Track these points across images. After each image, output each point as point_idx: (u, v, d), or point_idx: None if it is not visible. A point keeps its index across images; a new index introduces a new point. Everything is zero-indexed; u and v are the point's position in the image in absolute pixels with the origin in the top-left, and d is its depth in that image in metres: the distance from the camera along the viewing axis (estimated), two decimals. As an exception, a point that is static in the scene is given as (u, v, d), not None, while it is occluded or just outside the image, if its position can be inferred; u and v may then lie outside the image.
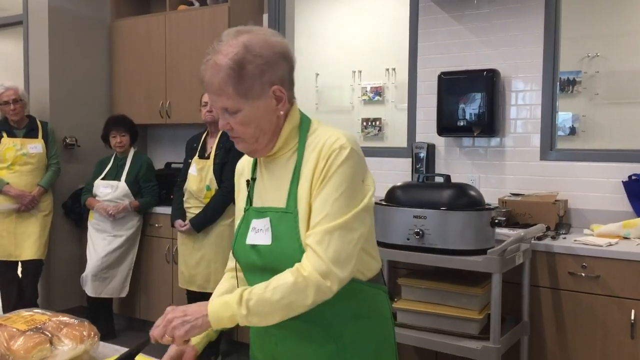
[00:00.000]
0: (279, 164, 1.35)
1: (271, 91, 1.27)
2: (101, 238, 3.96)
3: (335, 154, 1.26)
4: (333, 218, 1.23)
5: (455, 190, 2.58)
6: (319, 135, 1.32)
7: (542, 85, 3.31)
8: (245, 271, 1.40)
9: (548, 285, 2.75)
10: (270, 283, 1.22)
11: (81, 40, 4.53)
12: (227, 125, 1.29)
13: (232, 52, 1.24)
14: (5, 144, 3.97)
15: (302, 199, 1.28)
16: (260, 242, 1.32)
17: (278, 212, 1.31)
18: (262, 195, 1.37)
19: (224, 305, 1.21)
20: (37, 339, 1.38)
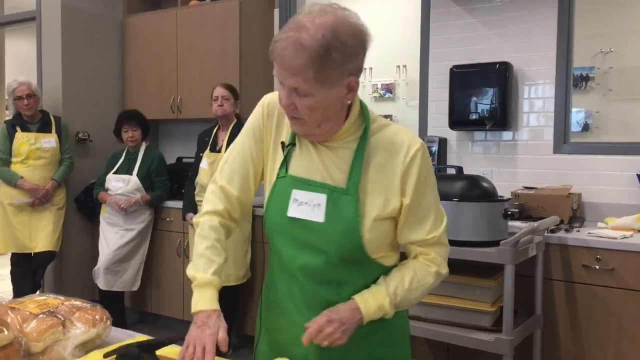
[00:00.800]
0: (334, 146, 1.30)
1: (347, 81, 1.21)
2: (113, 232, 3.98)
3: (421, 155, 1.28)
4: (442, 219, 1.34)
5: (468, 182, 2.56)
6: (385, 126, 1.32)
7: (556, 78, 3.28)
8: (276, 238, 1.34)
9: (561, 278, 2.72)
10: (412, 282, 1.31)
11: (93, 36, 4.56)
12: (291, 105, 1.21)
13: (320, 34, 1.13)
14: (19, 138, 4.00)
15: (367, 186, 1.26)
16: (307, 217, 1.27)
17: (336, 191, 1.27)
18: (308, 167, 1.30)
19: (379, 309, 1.28)
20: (49, 321, 1.38)
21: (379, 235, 1.29)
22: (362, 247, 1.27)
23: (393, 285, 1.30)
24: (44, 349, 1.35)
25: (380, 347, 1.36)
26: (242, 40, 4.10)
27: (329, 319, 1.25)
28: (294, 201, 1.29)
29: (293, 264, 1.32)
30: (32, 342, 1.34)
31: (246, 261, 3.60)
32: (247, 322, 3.81)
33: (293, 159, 1.33)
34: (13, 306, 1.44)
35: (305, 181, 1.29)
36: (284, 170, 1.32)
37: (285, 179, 1.32)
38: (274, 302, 1.41)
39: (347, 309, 1.27)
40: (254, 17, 4.22)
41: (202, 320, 1.23)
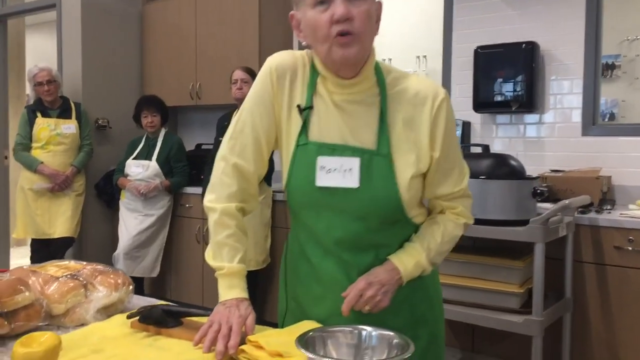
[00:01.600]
0: (357, 104, 1.22)
1: (377, 2, 1.18)
2: (133, 217, 3.96)
3: (446, 105, 1.23)
4: (466, 170, 1.31)
5: (495, 160, 2.49)
6: (401, 77, 1.24)
7: (585, 58, 3.19)
8: (303, 211, 1.26)
9: (592, 260, 2.63)
10: (444, 236, 1.28)
11: (113, 23, 4.55)
12: (347, 12, 1.11)
13: None
14: (39, 124, 4.00)
15: (398, 144, 1.20)
16: (340, 184, 1.19)
17: (366, 153, 1.19)
18: (331, 131, 1.22)
19: (416, 266, 1.24)
20: (71, 284, 1.35)
21: (415, 193, 1.24)
22: (402, 208, 1.22)
23: (426, 241, 1.26)
24: (65, 311, 1.32)
25: (420, 307, 1.30)
26: (261, 25, 4.06)
27: (368, 282, 1.19)
28: (321, 169, 1.20)
29: (328, 237, 1.24)
30: (54, 304, 1.31)
31: (266, 246, 3.56)
32: (266, 308, 3.77)
33: (312, 123, 1.23)
34: (35, 269, 1.41)
35: (331, 146, 1.21)
36: (304, 137, 1.22)
37: (307, 146, 1.22)
38: (305, 275, 1.31)
39: (385, 270, 1.22)
40: (272, 3, 4.17)
41: (232, 303, 1.19)
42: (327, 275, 1.26)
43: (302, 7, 1.18)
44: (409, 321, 1.28)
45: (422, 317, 1.31)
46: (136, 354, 1.12)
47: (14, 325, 1.22)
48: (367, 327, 1.06)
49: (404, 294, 1.26)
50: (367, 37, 1.15)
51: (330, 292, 1.26)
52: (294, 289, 1.36)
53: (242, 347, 1.11)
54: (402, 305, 1.27)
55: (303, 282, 1.32)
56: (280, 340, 1.10)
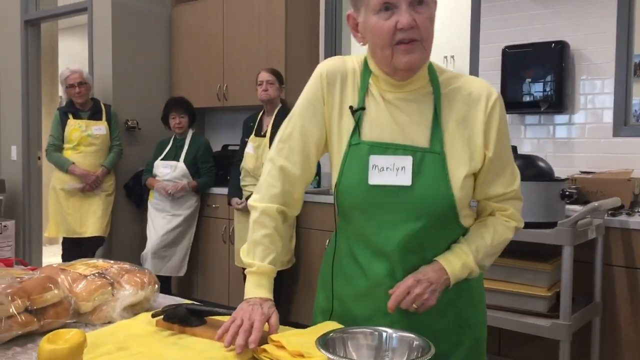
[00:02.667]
0: (410, 99, 1.22)
1: (435, 5, 1.20)
2: (161, 217, 4.02)
3: (500, 104, 1.24)
4: (517, 172, 1.31)
5: (523, 161, 2.45)
6: (454, 77, 1.25)
7: (616, 57, 3.12)
8: (353, 212, 1.25)
9: (623, 264, 2.57)
10: (493, 239, 1.27)
11: (142, 26, 4.63)
12: (412, 21, 1.13)
13: None
14: (71, 125, 4.09)
15: (452, 142, 1.21)
16: (392, 183, 1.19)
17: (419, 151, 1.20)
18: (384, 131, 1.22)
19: (463, 267, 1.23)
20: (99, 282, 1.38)
21: (467, 192, 1.24)
22: (454, 207, 1.21)
23: (475, 243, 1.25)
24: (92, 309, 1.35)
25: (465, 311, 1.29)
26: (287, 27, 4.08)
27: (417, 279, 1.19)
28: (374, 168, 1.20)
29: (378, 237, 1.23)
30: (82, 302, 1.34)
31: (291, 247, 3.58)
32: (291, 308, 3.79)
33: (364, 123, 1.23)
34: (64, 267, 1.45)
35: (384, 145, 1.21)
36: (357, 137, 1.22)
37: (359, 146, 1.22)
38: (352, 274, 1.29)
39: (432, 269, 1.21)
40: (299, 5, 4.19)
41: (256, 301, 1.20)
42: (373, 275, 1.25)
43: (363, 10, 1.18)
44: (453, 324, 1.28)
45: (466, 321, 1.29)
46: (160, 351, 1.14)
47: (43, 322, 1.25)
48: (387, 329, 1.05)
49: (450, 297, 1.25)
50: (429, 43, 1.18)
51: (375, 291, 1.25)
52: (340, 288, 1.34)
53: (263, 347, 1.12)
54: (448, 308, 1.26)
55: (349, 281, 1.31)
56: (301, 340, 1.10)
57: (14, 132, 5.24)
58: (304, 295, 3.71)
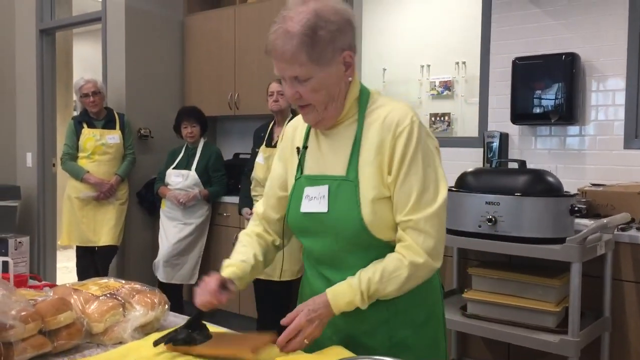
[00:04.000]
0: (337, 133, 1.35)
1: (342, 57, 1.27)
2: (172, 225, 4.07)
3: (406, 132, 1.26)
4: (431, 202, 1.26)
5: (532, 176, 2.46)
6: (381, 105, 1.33)
7: (627, 69, 3.11)
8: (299, 236, 1.42)
9: (632, 279, 2.57)
10: (383, 275, 1.25)
11: (155, 36, 4.68)
12: (296, 94, 1.28)
13: (304, 18, 1.22)
14: (85, 134, 4.15)
15: (363, 168, 1.29)
16: (315, 210, 1.32)
17: (337, 180, 1.31)
18: (316, 164, 1.37)
19: (349, 304, 1.27)
20: (110, 303, 1.41)
21: (381, 216, 1.28)
22: (366, 230, 1.28)
23: (365, 279, 1.26)
24: (104, 329, 1.38)
25: (400, 331, 1.33)
26: (299, 37, 4.10)
27: (309, 319, 1.25)
28: (306, 197, 1.35)
29: (311, 256, 1.40)
30: (94, 323, 1.37)
31: (301, 257, 3.59)
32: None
33: (307, 160, 1.39)
34: (76, 288, 1.48)
35: (314, 177, 1.36)
36: (299, 172, 1.39)
37: (300, 179, 1.38)
38: (302, 293, 1.49)
39: (322, 304, 1.27)
40: (310, 13, 4.21)
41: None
42: (312, 289, 1.40)
43: None
44: (386, 345, 1.33)
45: (402, 343, 1.33)
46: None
47: (56, 343, 1.29)
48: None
49: (384, 317, 1.32)
50: (323, 104, 1.29)
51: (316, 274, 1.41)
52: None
53: None
54: (379, 327, 1.33)
55: (302, 300, 1.44)
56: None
57: (30, 139, 5.32)
58: (314, 304, 3.73)
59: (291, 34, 1.23)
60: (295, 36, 1.22)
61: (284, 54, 1.24)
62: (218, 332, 1.34)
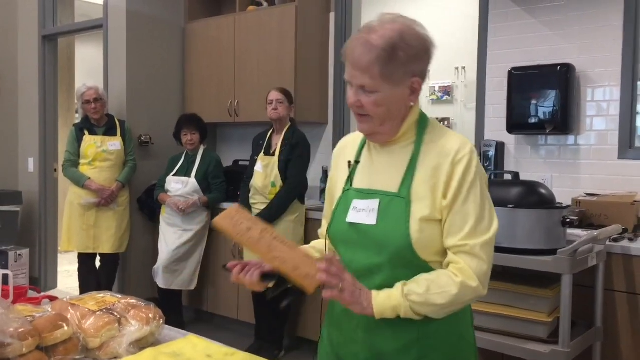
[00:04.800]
0: (393, 152, 1.39)
1: (410, 81, 1.32)
2: (172, 232, 4.11)
3: (466, 162, 1.30)
4: (486, 230, 1.30)
5: (524, 188, 2.49)
6: (440, 132, 1.38)
7: (622, 80, 3.14)
8: (339, 247, 1.43)
9: (624, 289, 2.60)
10: (430, 287, 1.26)
11: (156, 43, 4.73)
12: (358, 102, 1.32)
13: (388, 35, 1.27)
14: (87, 141, 4.20)
15: (416, 188, 1.32)
16: (363, 221, 1.35)
17: (389, 195, 1.34)
18: (367, 179, 1.41)
19: (393, 310, 1.27)
20: (106, 318, 1.45)
21: (428, 236, 1.30)
22: (411, 247, 1.29)
23: (409, 288, 1.27)
24: (100, 345, 1.42)
25: (431, 354, 1.35)
26: (297, 45, 4.15)
27: (353, 289, 1.25)
28: (353, 209, 1.38)
29: (350, 268, 1.34)
30: (90, 338, 1.41)
31: (299, 263, 3.63)
32: (299, 324, 3.85)
33: (358, 173, 1.44)
34: (73, 303, 1.52)
35: (365, 191, 1.39)
36: (349, 184, 1.44)
37: (349, 191, 1.42)
38: (331, 303, 1.48)
39: (366, 296, 1.28)
40: (310, 21, 4.26)
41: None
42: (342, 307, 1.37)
43: None
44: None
45: None
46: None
47: (53, 358, 1.33)
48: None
49: (415, 337, 1.33)
50: (380, 118, 1.33)
51: (347, 319, 1.41)
52: (329, 310, 1.52)
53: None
54: (411, 346, 1.34)
55: (333, 307, 1.49)
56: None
57: (31, 144, 5.37)
58: (312, 311, 3.77)
59: (371, 46, 1.27)
60: (375, 49, 1.27)
61: (359, 63, 1.29)
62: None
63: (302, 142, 3.60)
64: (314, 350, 3.72)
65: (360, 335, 1.39)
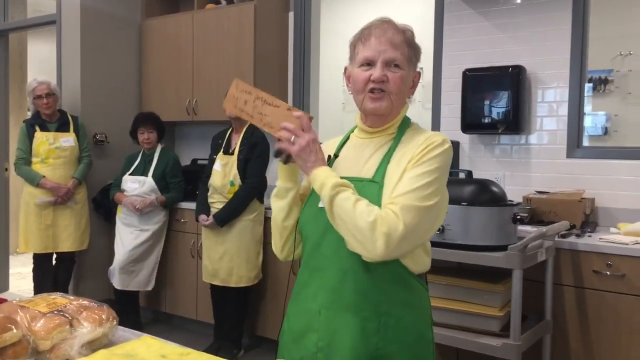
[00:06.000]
0: (372, 144, 1.47)
1: (415, 73, 1.47)
2: (128, 232, 4.04)
3: (436, 144, 1.37)
4: (421, 199, 1.30)
5: (477, 186, 2.56)
6: (419, 130, 1.47)
7: (570, 82, 3.26)
8: (308, 234, 1.46)
9: (572, 283, 2.70)
10: (358, 206, 1.30)
11: (112, 39, 4.64)
12: (384, 76, 1.40)
13: (407, 27, 1.46)
14: (38, 138, 4.08)
15: (391, 175, 1.37)
16: None
17: (363, 181, 1.40)
18: (344, 169, 1.46)
19: (325, 178, 1.34)
20: (57, 320, 1.42)
21: None
22: None
23: (346, 188, 1.34)
24: (51, 347, 1.39)
25: (389, 345, 1.37)
26: (256, 43, 4.14)
27: (305, 146, 1.36)
28: None
29: (318, 250, 1.43)
30: (40, 340, 1.38)
31: (258, 263, 3.64)
32: (258, 323, 3.85)
33: (335, 166, 1.49)
34: (23, 305, 1.48)
35: (341, 177, 1.42)
36: None
37: None
38: (295, 292, 1.52)
39: (314, 161, 1.38)
40: (268, 20, 4.25)
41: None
42: (308, 291, 1.46)
43: (353, 63, 1.48)
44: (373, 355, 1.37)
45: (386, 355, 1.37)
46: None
47: (1, 362, 1.30)
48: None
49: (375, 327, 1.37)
50: (397, 96, 1.43)
51: (306, 308, 1.45)
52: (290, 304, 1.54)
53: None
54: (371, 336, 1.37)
55: (293, 300, 1.52)
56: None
57: (-19, 143, 5.19)
58: (271, 310, 3.78)
59: (402, 29, 1.44)
60: (403, 33, 1.43)
61: (393, 39, 1.41)
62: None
63: (261, 142, 3.60)
64: (273, 348, 3.73)
65: (321, 324, 1.42)
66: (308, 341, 1.44)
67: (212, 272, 3.63)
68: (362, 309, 1.37)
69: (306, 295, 1.46)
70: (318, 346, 1.42)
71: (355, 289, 1.37)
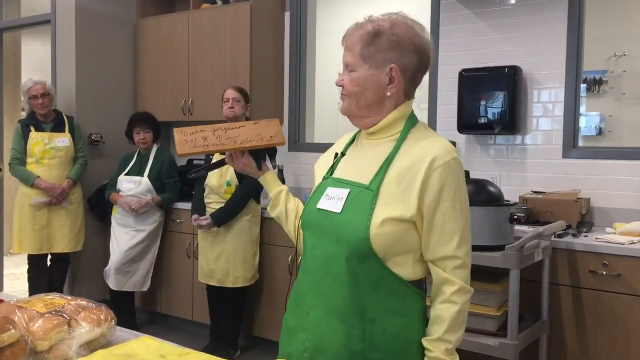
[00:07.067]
0: (376, 145, 1.43)
1: (388, 68, 1.35)
2: (124, 232, 4.03)
3: (444, 169, 1.31)
4: (465, 241, 1.36)
5: (474, 186, 2.56)
6: (424, 134, 1.40)
7: (565, 82, 3.27)
8: (307, 232, 1.48)
9: (568, 283, 2.71)
10: (445, 320, 1.36)
11: (107, 39, 4.62)
12: (341, 81, 1.42)
13: (380, 23, 1.37)
14: (33, 138, 4.06)
15: (388, 185, 1.34)
16: (330, 208, 1.40)
17: (359, 187, 1.38)
18: (346, 170, 1.46)
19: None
20: (55, 321, 1.41)
21: (388, 234, 1.31)
22: (368, 240, 1.31)
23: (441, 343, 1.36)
24: (49, 347, 1.38)
25: (374, 353, 1.35)
26: (252, 44, 4.14)
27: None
28: (325, 196, 1.43)
29: (312, 253, 1.44)
30: (38, 341, 1.37)
31: (254, 263, 3.63)
32: (255, 323, 3.84)
33: (341, 164, 1.50)
34: (20, 305, 1.48)
35: (340, 180, 1.44)
36: (329, 174, 1.50)
37: (327, 179, 1.48)
38: (294, 288, 1.53)
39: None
40: (264, 20, 4.25)
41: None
42: (303, 290, 1.46)
43: None
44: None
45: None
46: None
47: (-1, 362, 1.29)
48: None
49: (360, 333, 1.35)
50: (355, 99, 1.40)
51: (300, 307, 1.47)
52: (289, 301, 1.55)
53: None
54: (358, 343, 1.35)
55: (292, 297, 1.53)
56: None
57: (-25, 143, 5.16)
58: (268, 310, 3.77)
59: (361, 28, 1.38)
60: (361, 30, 1.37)
61: (346, 41, 1.41)
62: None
63: (257, 142, 3.58)
64: (270, 349, 3.73)
65: (309, 324, 1.42)
66: (297, 339, 1.45)
67: (208, 272, 3.62)
68: (349, 315, 1.35)
69: (299, 293, 1.48)
70: (305, 346, 1.43)
71: (343, 295, 1.36)
